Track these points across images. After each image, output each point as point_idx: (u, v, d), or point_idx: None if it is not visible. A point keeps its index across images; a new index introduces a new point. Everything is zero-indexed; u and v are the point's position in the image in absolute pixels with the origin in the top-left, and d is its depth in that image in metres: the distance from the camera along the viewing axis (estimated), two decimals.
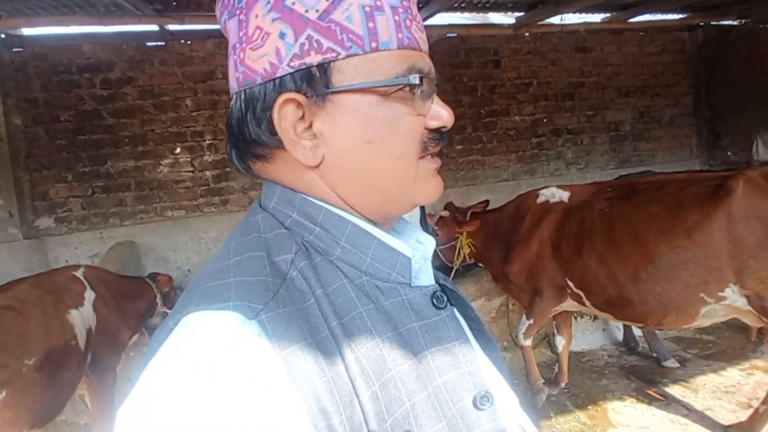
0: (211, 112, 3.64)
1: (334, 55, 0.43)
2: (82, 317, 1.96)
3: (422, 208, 2.10)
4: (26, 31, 3.21)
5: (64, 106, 3.37)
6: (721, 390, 2.61)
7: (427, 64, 0.47)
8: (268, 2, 0.44)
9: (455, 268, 2.81)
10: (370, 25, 0.43)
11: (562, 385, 2.64)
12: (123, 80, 3.45)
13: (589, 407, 2.59)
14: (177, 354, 0.33)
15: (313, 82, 0.43)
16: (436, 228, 2.85)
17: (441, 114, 0.48)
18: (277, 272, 0.40)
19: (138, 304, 2.38)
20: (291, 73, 0.44)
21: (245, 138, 0.47)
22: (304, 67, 0.43)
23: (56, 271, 2.20)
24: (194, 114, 3.61)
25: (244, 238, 0.44)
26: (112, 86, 3.43)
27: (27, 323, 1.75)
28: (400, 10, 0.45)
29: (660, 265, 1.99)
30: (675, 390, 2.66)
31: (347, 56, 0.43)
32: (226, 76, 2.79)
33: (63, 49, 3.32)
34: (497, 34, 4.05)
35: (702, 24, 4.55)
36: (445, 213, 2.94)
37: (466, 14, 4.04)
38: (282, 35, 0.43)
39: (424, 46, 0.48)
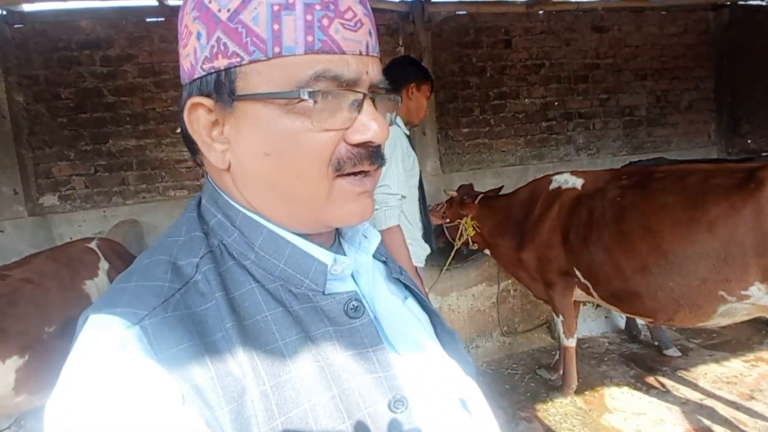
0: None
1: (238, 60, 0.42)
2: (97, 287, 2.09)
3: (421, 190, 2.13)
4: (27, 8, 3.22)
5: (65, 84, 3.41)
6: (723, 380, 2.64)
7: (351, 69, 0.43)
8: (193, 4, 0.44)
9: (456, 248, 2.87)
10: (275, 27, 0.41)
11: (561, 372, 2.62)
12: (123, 57, 3.46)
13: (586, 392, 2.66)
14: (75, 352, 0.39)
15: (220, 88, 0.44)
16: (442, 208, 2.93)
17: (367, 127, 0.44)
18: (178, 277, 0.43)
19: None
20: (203, 77, 0.44)
21: (182, 133, 0.48)
22: (213, 71, 0.43)
23: (70, 244, 2.35)
24: None
25: (163, 239, 0.48)
26: (112, 63, 3.45)
27: (45, 295, 1.89)
28: (318, 7, 0.41)
29: (674, 259, 1.91)
30: (675, 378, 2.70)
31: (250, 62, 0.42)
32: None
33: (62, 26, 3.34)
34: (509, 11, 3.96)
35: (729, 3, 4.33)
36: (454, 193, 2.99)
37: None
38: (198, 35, 0.43)
39: (354, 46, 0.43)
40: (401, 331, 0.52)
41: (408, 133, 2.04)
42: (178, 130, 0.51)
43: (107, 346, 0.38)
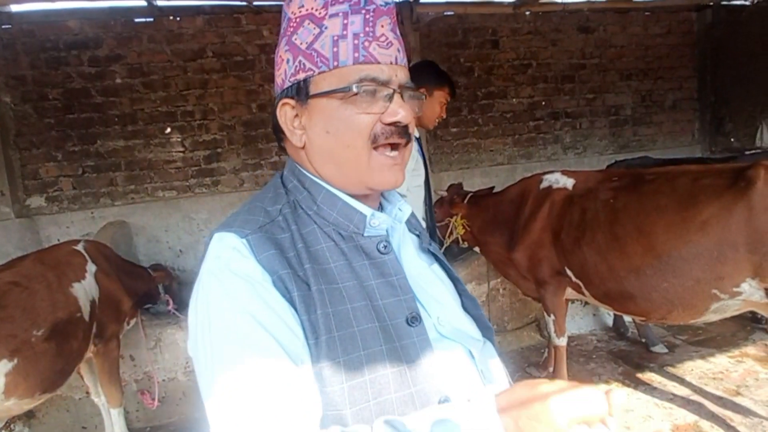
0: (201, 92, 3.60)
1: (311, 72, 0.65)
2: (84, 290, 2.07)
3: (428, 189, 2.18)
4: (14, 8, 3.19)
5: (52, 84, 3.38)
6: (709, 376, 2.67)
7: (384, 73, 0.65)
8: (284, 39, 0.68)
9: (445, 245, 2.88)
10: (335, 49, 0.64)
11: (551, 370, 2.63)
12: (111, 58, 3.43)
13: None
14: (210, 250, 0.63)
15: (299, 92, 0.66)
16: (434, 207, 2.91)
17: (396, 111, 0.64)
18: (267, 215, 0.65)
19: (137, 284, 2.51)
20: (289, 86, 0.67)
21: (273, 126, 0.72)
22: (295, 81, 0.67)
23: (57, 247, 2.31)
24: (184, 93, 3.58)
25: (260, 194, 0.72)
26: (100, 64, 3.42)
27: (33, 298, 1.86)
28: (361, 35, 0.64)
29: (668, 260, 1.92)
30: (662, 375, 2.72)
31: (319, 72, 0.65)
32: (217, 55, 2.54)
33: (50, 26, 3.31)
34: (496, 12, 3.97)
35: (711, 3, 4.38)
36: (444, 193, 3.00)
37: None
38: (288, 61, 0.67)
39: (387, 58, 0.65)
40: (421, 285, 0.69)
41: (417, 135, 2.03)
42: (168, 131, 0.72)
43: (227, 247, 0.61)
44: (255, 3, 3.53)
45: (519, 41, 4.17)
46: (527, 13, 4.09)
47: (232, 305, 0.57)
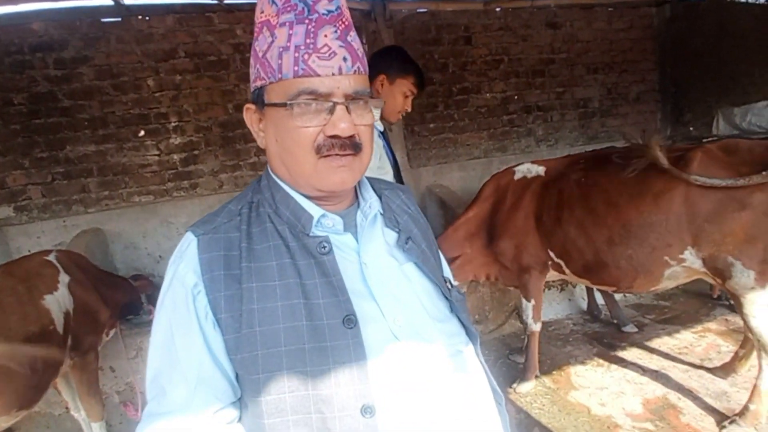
0: (175, 93, 3.47)
1: (265, 82, 0.67)
2: (57, 302, 1.97)
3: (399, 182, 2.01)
4: None
5: (17, 89, 3.21)
6: (675, 351, 2.77)
7: (325, 86, 0.64)
8: (253, 43, 0.70)
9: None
10: (279, 61, 0.64)
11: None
12: (78, 59, 3.26)
13: (554, 372, 2.72)
14: (177, 247, 0.70)
15: (258, 99, 0.69)
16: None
17: (335, 125, 0.65)
18: (228, 214, 0.70)
19: (116, 294, 2.40)
20: (253, 91, 0.70)
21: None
22: (256, 88, 0.69)
23: (28, 258, 2.18)
24: (157, 95, 3.44)
25: (237, 196, 0.76)
26: (66, 66, 3.25)
27: (2, 312, 1.76)
28: (302, 47, 0.64)
29: (630, 229, 2.09)
30: (632, 353, 2.81)
31: (270, 83, 0.66)
32: (189, 55, 2.47)
33: (13, 28, 3.14)
34: (468, 9, 3.96)
35: None
36: None
37: None
38: (252, 65, 0.70)
39: (328, 70, 0.64)
40: (383, 283, 0.68)
41: (382, 129, 1.88)
42: (141, 134, 0.73)
43: (183, 246, 0.68)
44: (226, 1, 3.42)
45: (491, 37, 4.19)
46: (497, 9, 4.13)
47: (166, 308, 0.64)
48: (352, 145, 0.66)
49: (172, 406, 0.60)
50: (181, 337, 0.62)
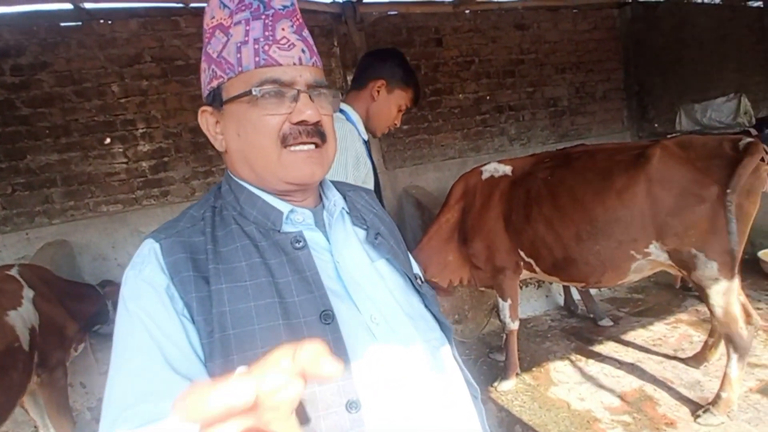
0: (142, 99, 3.35)
1: (222, 79, 0.66)
2: (22, 317, 1.90)
3: (378, 192, 1.81)
4: None
5: None
6: (650, 343, 2.83)
7: (287, 74, 0.64)
8: (203, 50, 0.69)
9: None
10: (238, 55, 0.64)
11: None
12: (36, 65, 3.12)
13: (533, 369, 2.74)
14: (134, 255, 0.65)
15: (215, 99, 0.68)
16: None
17: (301, 111, 0.64)
18: (191, 220, 0.67)
19: (83, 306, 2.31)
20: (207, 94, 0.69)
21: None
22: (210, 89, 0.68)
23: None
24: (122, 101, 3.32)
25: (198, 201, 0.73)
26: (24, 72, 3.11)
27: None
28: (261, 39, 0.64)
29: (597, 225, 2.13)
30: (609, 346, 2.86)
31: (228, 79, 0.65)
32: (156, 60, 2.39)
33: None
34: (438, 11, 3.96)
35: (630, 1, 4.64)
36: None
37: None
38: (205, 69, 0.69)
39: (288, 60, 0.65)
40: (357, 280, 0.67)
41: (366, 138, 1.64)
42: (107, 141, 0.67)
43: (143, 252, 0.63)
44: (192, 5, 3.34)
45: (461, 39, 4.23)
46: (467, 11, 4.17)
47: (131, 309, 0.58)
48: (317, 133, 0.66)
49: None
50: (167, 339, 0.56)
